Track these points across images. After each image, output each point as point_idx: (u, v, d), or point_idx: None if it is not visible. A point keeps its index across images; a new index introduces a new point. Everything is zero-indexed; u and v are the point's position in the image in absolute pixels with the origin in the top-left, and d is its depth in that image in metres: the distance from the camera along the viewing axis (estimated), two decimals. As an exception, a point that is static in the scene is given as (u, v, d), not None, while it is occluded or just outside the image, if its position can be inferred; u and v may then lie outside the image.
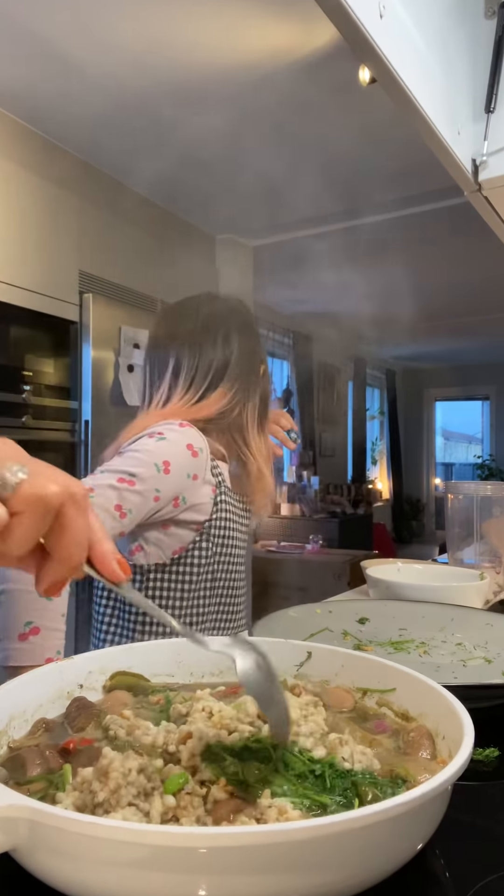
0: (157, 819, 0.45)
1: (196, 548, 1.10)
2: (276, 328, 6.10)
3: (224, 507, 1.13)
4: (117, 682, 0.68)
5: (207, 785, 0.48)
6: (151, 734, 0.53)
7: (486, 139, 1.27)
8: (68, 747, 0.54)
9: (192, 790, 0.47)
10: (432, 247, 4.56)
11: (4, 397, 2.60)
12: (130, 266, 3.35)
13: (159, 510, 1.05)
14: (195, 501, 1.09)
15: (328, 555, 5.08)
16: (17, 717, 0.58)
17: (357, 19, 0.83)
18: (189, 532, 1.10)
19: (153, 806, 0.45)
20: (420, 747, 0.56)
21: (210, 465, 1.12)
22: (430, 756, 0.55)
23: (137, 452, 1.03)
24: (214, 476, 1.12)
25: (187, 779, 0.47)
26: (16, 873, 0.44)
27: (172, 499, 1.05)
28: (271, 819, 0.44)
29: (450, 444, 10.77)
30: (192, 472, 1.06)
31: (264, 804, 0.45)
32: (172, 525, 1.09)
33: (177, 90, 2.68)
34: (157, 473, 1.01)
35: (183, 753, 0.50)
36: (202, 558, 1.11)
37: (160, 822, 0.44)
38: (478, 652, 0.90)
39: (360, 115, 2.80)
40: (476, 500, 1.58)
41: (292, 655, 0.73)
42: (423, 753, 0.55)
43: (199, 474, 1.07)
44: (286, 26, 2.31)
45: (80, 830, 0.38)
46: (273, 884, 0.39)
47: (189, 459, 1.05)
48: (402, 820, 0.41)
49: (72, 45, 2.39)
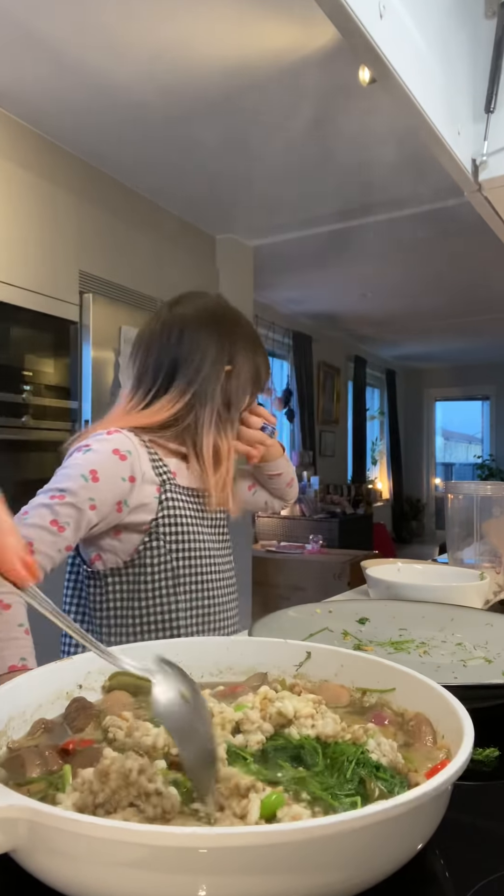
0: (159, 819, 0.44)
1: (148, 548, 1.10)
2: (276, 328, 6.10)
3: (172, 504, 1.12)
4: (116, 683, 0.68)
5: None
6: (152, 735, 0.53)
7: (486, 139, 1.27)
8: (68, 748, 0.54)
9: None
10: (432, 247, 4.56)
11: (4, 397, 2.60)
12: (130, 266, 3.35)
13: (104, 517, 1.06)
14: (140, 502, 1.09)
15: (328, 555, 5.08)
16: (16, 717, 0.58)
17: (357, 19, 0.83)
18: (139, 534, 1.10)
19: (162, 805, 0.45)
20: (422, 735, 0.56)
21: (151, 464, 1.11)
22: (432, 742, 0.56)
23: (66, 469, 1.06)
24: (159, 475, 1.12)
25: (283, 800, 0.44)
26: (16, 874, 0.44)
27: (114, 504, 1.06)
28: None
29: (450, 444, 10.77)
30: (125, 476, 1.06)
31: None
32: (123, 530, 1.10)
33: (177, 90, 2.68)
34: (87, 483, 1.03)
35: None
36: (156, 557, 1.10)
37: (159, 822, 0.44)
38: (478, 652, 0.90)
39: (360, 115, 2.80)
40: (476, 500, 1.58)
41: (291, 655, 0.73)
42: (426, 741, 0.56)
43: (135, 476, 1.07)
44: (286, 26, 2.31)
45: (80, 831, 0.38)
46: (273, 884, 0.39)
47: (118, 464, 1.06)
48: (402, 820, 0.41)
49: (72, 45, 2.39)
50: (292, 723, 0.55)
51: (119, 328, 3.08)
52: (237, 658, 0.74)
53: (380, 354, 8.95)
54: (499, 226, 1.53)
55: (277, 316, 6.17)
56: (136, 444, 1.10)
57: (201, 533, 1.17)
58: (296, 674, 0.72)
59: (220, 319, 1.20)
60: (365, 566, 1.45)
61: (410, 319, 6.86)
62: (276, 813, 0.44)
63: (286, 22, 2.29)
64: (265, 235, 4.32)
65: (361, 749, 0.51)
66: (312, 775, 0.50)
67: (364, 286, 5.64)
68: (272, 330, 6.02)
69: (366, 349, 8.39)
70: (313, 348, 6.80)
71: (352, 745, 0.52)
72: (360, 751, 0.51)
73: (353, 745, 0.52)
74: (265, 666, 0.73)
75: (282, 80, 2.60)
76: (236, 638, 0.77)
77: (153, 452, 1.14)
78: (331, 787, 0.48)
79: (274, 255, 4.59)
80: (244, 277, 4.38)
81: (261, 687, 0.61)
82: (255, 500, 1.41)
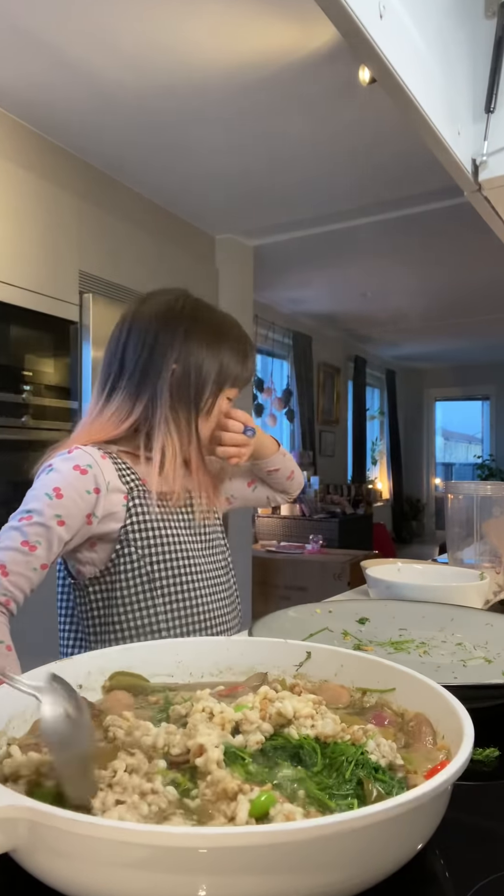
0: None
1: (121, 555, 1.10)
2: (276, 328, 6.10)
3: (141, 510, 1.12)
4: (117, 683, 0.68)
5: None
6: (152, 735, 0.53)
7: (486, 139, 1.27)
8: None
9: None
10: (432, 247, 4.56)
11: (4, 397, 2.60)
12: (130, 266, 3.35)
13: (76, 531, 1.07)
14: (108, 511, 1.09)
15: (328, 555, 5.08)
16: (16, 717, 0.59)
17: (357, 19, 0.83)
18: (111, 542, 1.11)
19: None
20: (422, 735, 0.56)
21: (118, 473, 1.11)
22: (432, 743, 0.56)
23: (33, 490, 1.08)
24: (126, 483, 1.12)
25: (274, 799, 0.45)
26: (16, 874, 0.44)
27: (83, 517, 1.07)
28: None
29: (450, 444, 10.77)
30: (89, 489, 1.07)
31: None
32: (98, 541, 1.11)
33: (177, 90, 2.68)
34: (51, 501, 1.04)
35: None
36: (130, 563, 1.11)
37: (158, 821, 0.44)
38: (478, 652, 0.90)
39: (360, 115, 2.80)
40: (476, 500, 1.58)
41: (292, 655, 0.73)
42: (426, 741, 0.56)
43: (99, 487, 1.08)
44: (286, 26, 2.31)
45: (80, 831, 0.38)
46: (273, 884, 0.39)
47: (80, 479, 1.07)
48: (402, 820, 0.41)
49: (72, 45, 2.39)
50: (292, 723, 0.55)
51: (119, 328, 3.08)
52: (237, 658, 0.74)
53: (380, 354, 8.95)
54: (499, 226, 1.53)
55: (277, 316, 6.17)
56: (97, 457, 1.10)
57: (178, 535, 1.16)
58: (296, 674, 0.72)
59: (172, 316, 1.16)
60: (365, 566, 1.45)
61: (410, 319, 6.86)
62: (268, 812, 0.44)
63: (286, 22, 2.29)
64: (265, 235, 4.32)
65: (361, 750, 0.52)
66: (311, 775, 0.50)
67: (364, 286, 5.64)
68: (272, 330, 6.02)
69: (366, 349, 8.39)
70: (313, 348, 6.80)
71: (351, 746, 0.52)
72: (359, 751, 0.51)
73: (353, 746, 0.52)
74: (265, 666, 0.73)
75: (282, 80, 2.61)
76: (236, 638, 0.77)
77: (120, 462, 1.13)
78: (328, 787, 0.48)
79: (274, 255, 4.59)
80: (244, 277, 4.38)
81: (261, 687, 0.61)
82: (257, 496, 1.40)
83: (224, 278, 4.18)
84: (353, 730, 0.55)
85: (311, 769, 0.51)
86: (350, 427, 8.08)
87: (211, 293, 4.09)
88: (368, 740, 0.53)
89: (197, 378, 1.15)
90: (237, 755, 0.51)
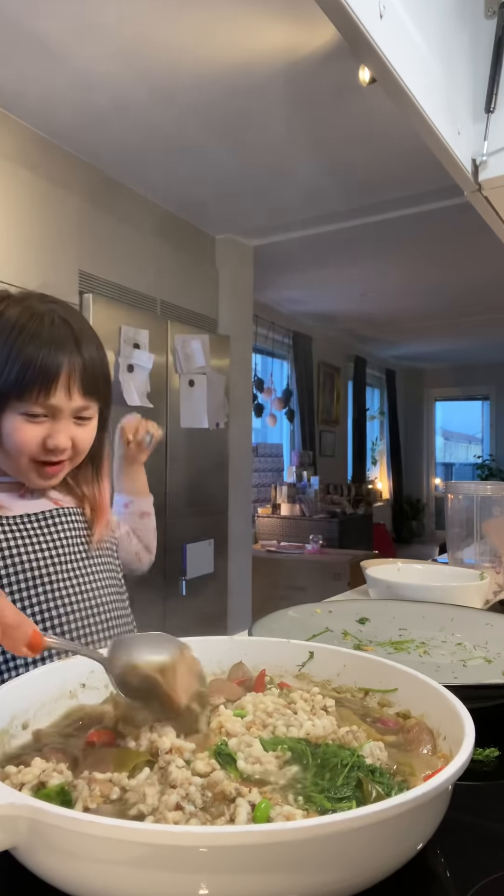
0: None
1: None
2: (276, 328, 6.09)
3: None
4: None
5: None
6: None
7: (486, 139, 1.27)
8: (92, 741, 0.56)
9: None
10: (432, 247, 4.56)
11: (4, 397, 2.60)
12: (130, 266, 3.35)
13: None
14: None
15: (328, 555, 5.08)
16: (18, 716, 0.59)
17: (357, 19, 0.83)
18: None
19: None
20: (421, 743, 0.56)
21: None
22: (430, 751, 0.55)
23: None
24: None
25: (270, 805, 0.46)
26: (16, 872, 0.44)
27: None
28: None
29: (450, 444, 10.77)
30: None
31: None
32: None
33: (177, 90, 2.67)
34: None
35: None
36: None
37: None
38: (478, 652, 0.90)
39: (360, 115, 2.80)
40: (476, 500, 1.58)
41: (294, 655, 0.73)
42: (424, 749, 0.56)
43: None
44: (286, 26, 2.31)
45: (80, 829, 0.38)
46: (273, 883, 0.39)
47: None
48: (402, 820, 0.41)
49: (72, 44, 2.39)
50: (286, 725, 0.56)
51: (119, 328, 3.08)
52: (240, 658, 0.74)
53: (380, 354, 8.95)
54: (499, 226, 1.53)
55: (277, 316, 6.17)
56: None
57: (32, 553, 1.05)
58: (297, 673, 0.72)
59: (13, 316, 1.01)
60: (365, 566, 1.45)
61: (410, 319, 6.86)
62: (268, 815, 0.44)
63: (286, 22, 2.29)
64: (265, 235, 4.32)
65: (356, 753, 0.51)
66: (306, 777, 0.50)
67: (364, 286, 5.63)
68: (272, 330, 6.02)
69: (366, 349, 8.39)
70: (313, 348, 6.80)
71: (344, 749, 0.52)
72: (355, 755, 0.51)
73: (346, 749, 0.52)
74: (268, 665, 0.73)
75: (282, 80, 2.60)
76: (239, 638, 0.78)
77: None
78: (325, 789, 0.48)
79: (274, 255, 4.59)
80: (244, 277, 4.38)
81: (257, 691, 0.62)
82: (128, 546, 1.29)
83: (224, 278, 4.18)
84: (341, 734, 0.55)
85: (305, 770, 0.51)
86: (350, 427, 8.08)
87: (211, 293, 4.09)
88: (364, 745, 0.53)
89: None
90: (231, 757, 0.51)
